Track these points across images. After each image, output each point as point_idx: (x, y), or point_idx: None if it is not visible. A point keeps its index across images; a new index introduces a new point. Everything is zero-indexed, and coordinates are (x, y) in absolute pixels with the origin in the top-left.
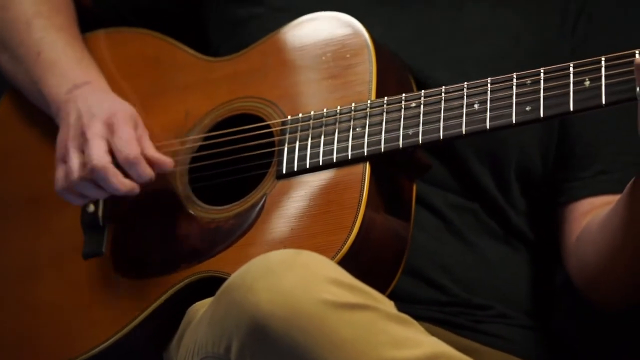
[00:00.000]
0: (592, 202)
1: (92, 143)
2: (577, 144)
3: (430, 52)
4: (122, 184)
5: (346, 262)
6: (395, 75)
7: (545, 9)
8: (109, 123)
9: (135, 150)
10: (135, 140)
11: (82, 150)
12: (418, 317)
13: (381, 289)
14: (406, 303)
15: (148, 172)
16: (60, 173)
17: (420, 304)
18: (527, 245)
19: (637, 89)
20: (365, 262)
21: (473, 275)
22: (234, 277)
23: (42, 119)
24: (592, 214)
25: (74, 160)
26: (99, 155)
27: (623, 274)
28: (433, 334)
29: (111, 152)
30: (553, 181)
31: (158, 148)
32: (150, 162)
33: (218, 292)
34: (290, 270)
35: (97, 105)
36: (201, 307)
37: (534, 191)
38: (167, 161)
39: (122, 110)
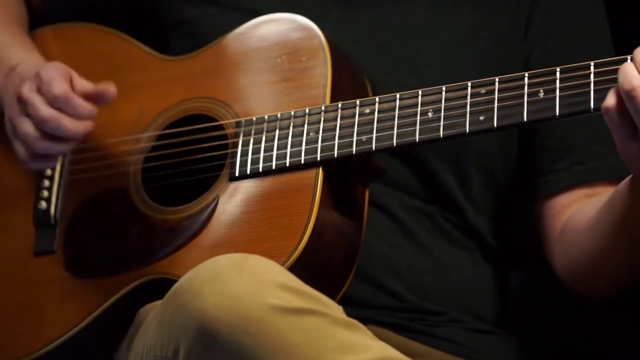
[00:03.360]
0: (570, 196)
1: (32, 100)
2: (549, 138)
3: (382, 50)
4: (76, 124)
5: (297, 267)
6: (350, 79)
7: (498, 4)
8: (36, 74)
9: (61, 87)
10: (60, 78)
11: (27, 114)
12: (370, 321)
13: (333, 293)
14: (359, 308)
15: (83, 106)
16: (18, 147)
17: (374, 309)
18: (483, 248)
19: (592, 104)
20: (317, 266)
21: (427, 280)
22: (182, 281)
23: None
24: (572, 208)
25: (25, 125)
26: (41, 107)
27: (615, 270)
28: (385, 338)
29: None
30: (528, 177)
31: (111, 146)
32: (90, 96)
33: (167, 296)
34: (238, 275)
35: (25, 69)
36: (151, 309)
37: (496, 189)
38: (106, 88)
39: (51, 64)
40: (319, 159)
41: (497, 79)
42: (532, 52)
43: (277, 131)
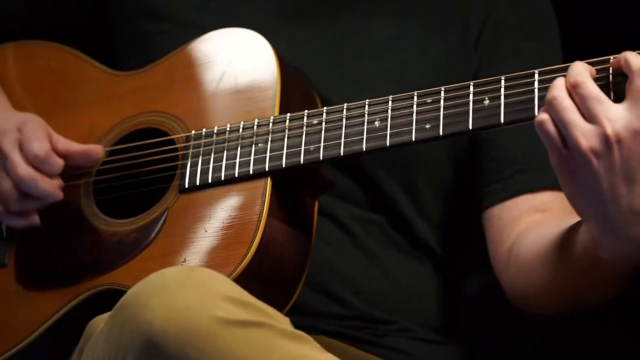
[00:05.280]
0: (517, 207)
1: (12, 157)
2: (493, 147)
3: (335, 67)
4: (53, 186)
5: (246, 276)
6: (299, 92)
7: (449, 19)
8: (19, 129)
9: (42, 146)
10: (44, 138)
11: (4, 167)
12: (320, 331)
13: (282, 303)
14: (309, 317)
15: (61, 166)
16: None
17: (323, 317)
18: (434, 258)
19: (536, 111)
20: (265, 276)
21: (376, 289)
22: (129, 294)
23: None
24: (520, 224)
25: (4, 183)
26: (20, 166)
27: (559, 303)
28: (334, 348)
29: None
30: (475, 189)
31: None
32: (78, 154)
33: (114, 309)
34: (185, 288)
35: (4, 121)
36: (101, 322)
37: (447, 202)
38: (95, 149)
39: (32, 119)
40: (267, 168)
41: (442, 89)
42: (481, 66)
43: (227, 143)
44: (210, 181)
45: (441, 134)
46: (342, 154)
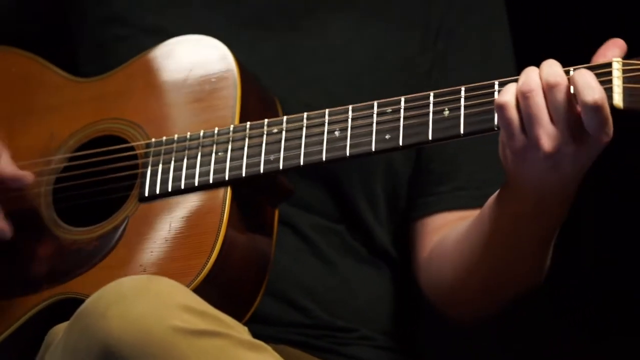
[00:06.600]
0: (445, 217)
1: None
2: (435, 160)
3: (292, 71)
4: None
5: (205, 286)
6: (260, 100)
7: (408, 24)
8: None
9: None
10: None
11: None
12: (280, 340)
13: (242, 312)
14: (269, 325)
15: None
16: None
17: (283, 326)
18: (392, 266)
19: (495, 122)
20: (225, 285)
21: (336, 297)
22: (87, 303)
23: None
24: (445, 229)
25: None
26: None
27: (477, 290)
28: (296, 357)
29: None
30: (409, 197)
31: (22, 168)
32: (9, 179)
33: (72, 317)
34: (142, 297)
35: None
36: (60, 331)
37: (401, 208)
38: (25, 175)
39: None
40: (227, 178)
41: (402, 99)
42: (431, 74)
43: (187, 151)
44: (170, 190)
45: (401, 144)
46: (302, 163)
